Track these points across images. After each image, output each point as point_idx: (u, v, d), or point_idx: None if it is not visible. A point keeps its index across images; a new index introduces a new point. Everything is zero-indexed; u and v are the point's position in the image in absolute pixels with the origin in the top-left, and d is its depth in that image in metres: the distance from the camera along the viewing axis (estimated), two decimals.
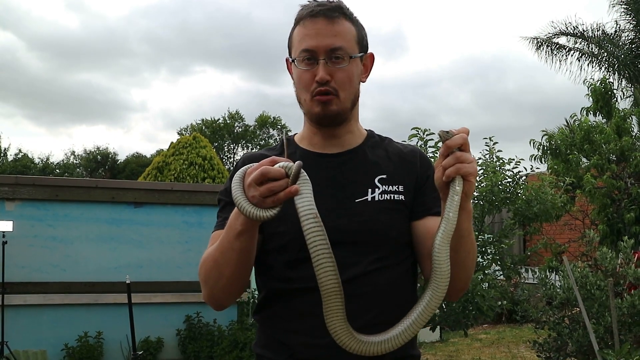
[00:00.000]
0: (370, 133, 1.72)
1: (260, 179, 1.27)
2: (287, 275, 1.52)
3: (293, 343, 1.52)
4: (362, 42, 1.62)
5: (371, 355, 1.36)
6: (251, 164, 1.35)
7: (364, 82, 1.65)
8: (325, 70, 1.53)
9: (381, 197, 1.57)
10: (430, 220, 1.56)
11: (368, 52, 1.66)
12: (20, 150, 39.56)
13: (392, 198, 1.57)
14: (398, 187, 1.59)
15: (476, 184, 5.95)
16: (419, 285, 1.77)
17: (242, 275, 1.48)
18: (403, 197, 1.58)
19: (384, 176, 1.60)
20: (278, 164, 1.29)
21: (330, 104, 1.55)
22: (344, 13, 1.58)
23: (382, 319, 1.41)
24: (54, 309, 6.52)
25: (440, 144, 1.40)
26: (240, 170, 1.37)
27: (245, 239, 1.40)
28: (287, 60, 1.65)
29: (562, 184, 7.36)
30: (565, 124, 12.21)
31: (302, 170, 1.30)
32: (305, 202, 1.29)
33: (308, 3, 1.60)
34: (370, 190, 1.57)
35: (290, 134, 1.75)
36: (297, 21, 1.59)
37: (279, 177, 1.27)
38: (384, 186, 1.58)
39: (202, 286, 1.54)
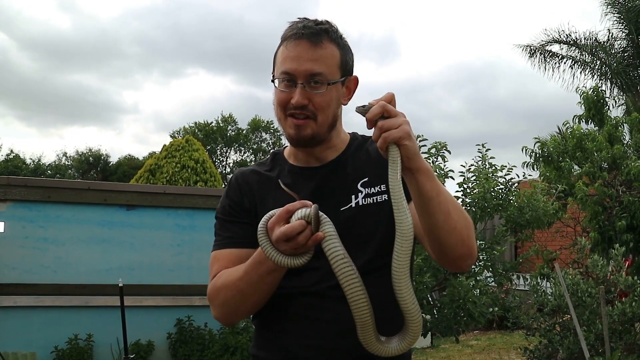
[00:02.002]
0: (353, 136, 1.74)
1: (285, 238, 1.31)
2: (285, 283, 1.54)
3: (288, 344, 1.57)
4: (345, 66, 1.62)
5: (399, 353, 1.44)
6: (270, 214, 1.38)
7: (345, 104, 1.66)
8: (302, 95, 1.54)
9: (364, 200, 1.60)
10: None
11: (353, 75, 1.66)
12: (12, 151, 39.43)
13: (375, 200, 1.60)
14: (380, 187, 1.61)
15: (468, 191, 5.97)
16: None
17: (265, 300, 1.54)
18: (386, 196, 1.59)
19: (366, 179, 1.62)
20: (295, 215, 1.33)
21: (305, 128, 1.57)
22: (330, 37, 1.58)
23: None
24: (45, 310, 6.47)
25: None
26: (260, 225, 1.39)
27: (278, 274, 1.46)
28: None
29: (554, 191, 7.39)
30: (558, 131, 12.27)
31: (322, 214, 1.34)
32: (332, 244, 1.33)
33: (295, 22, 1.60)
34: (353, 196, 1.60)
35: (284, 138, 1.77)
36: (282, 40, 1.60)
37: (302, 230, 1.31)
38: (366, 189, 1.61)
39: (216, 308, 1.58)
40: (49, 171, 39.17)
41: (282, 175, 1.64)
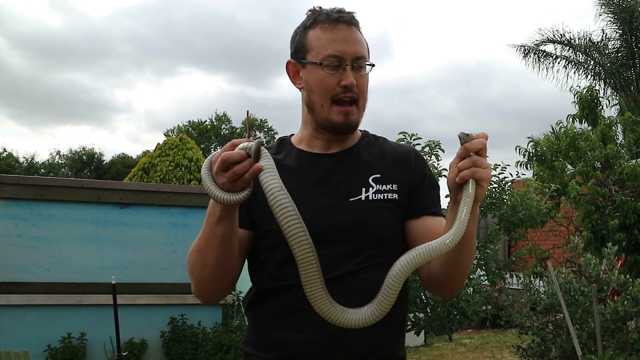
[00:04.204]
0: (365, 133, 1.73)
1: (224, 165, 1.31)
2: (278, 272, 1.53)
3: (282, 339, 1.54)
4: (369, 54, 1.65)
5: (353, 327, 1.38)
6: (216, 152, 1.38)
7: None
8: (353, 76, 1.54)
9: (375, 196, 1.57)
10: (427, 220, 1.58)
11: None
12: (4, 150, 39.30)
13: (385, 197, 1.58)
14: (392, 186, 1.59)
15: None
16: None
17: (225, 263, 1.49)
18: (397, 196, 1.58)
19: (378, 175, 1.60)
20: (238, 147, 1.32)
21: (352, 114, 1.57)
22: (357, 24, 1.61)
23: None
24: (38, 309, 6.44)
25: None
26: (207, 159, 1.40)
27: (226, 224, 1.42)
28: (289, 63, 1.64)
29: (547, 190, 7.42)
30: (551, 130, 12.31)
31: (263, 148, 1.32)
32: (269, 177, 1.31)
33: (318, 9, 1.60)
34: (364, 189, 1.58)
35: (278, 135, 1.77)
36: (313, 24, 1.58)
37: (241, 160, 1.30)
38: (377, 185, 1.59)
39: (190, 278, 1.56)
40: (42, 170, 39.05)
41: (289, 160, 1.62)
